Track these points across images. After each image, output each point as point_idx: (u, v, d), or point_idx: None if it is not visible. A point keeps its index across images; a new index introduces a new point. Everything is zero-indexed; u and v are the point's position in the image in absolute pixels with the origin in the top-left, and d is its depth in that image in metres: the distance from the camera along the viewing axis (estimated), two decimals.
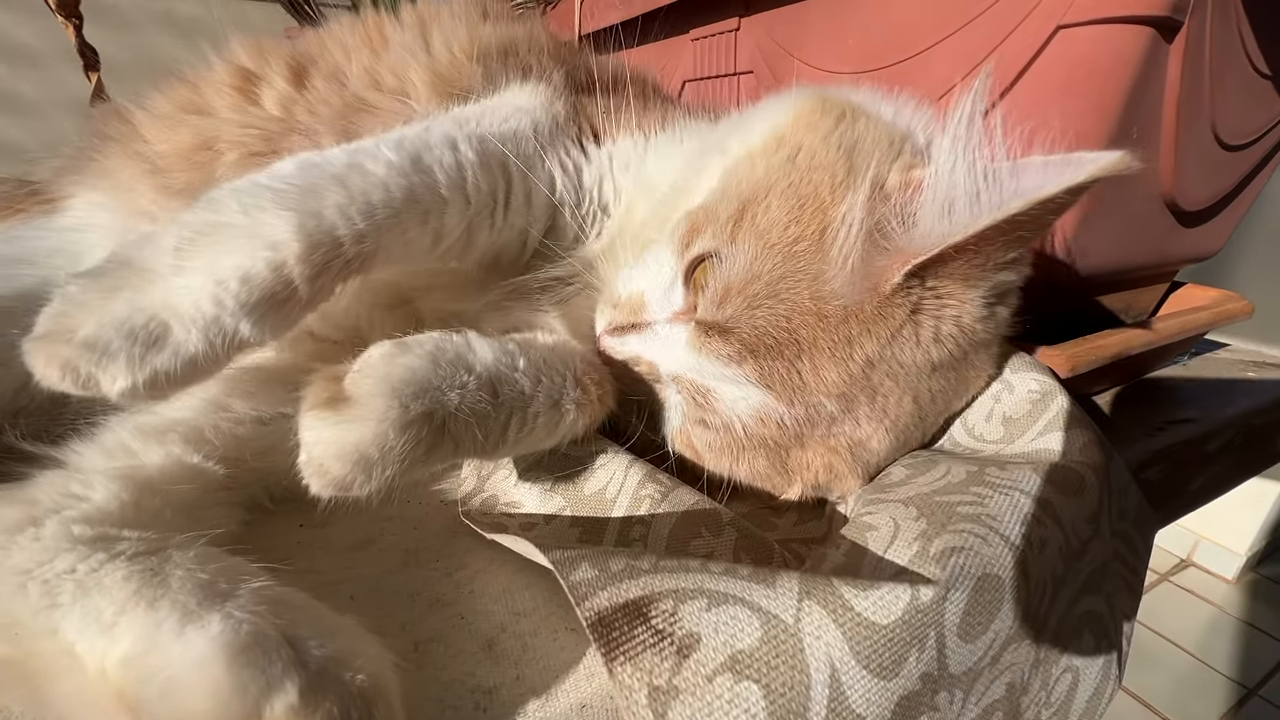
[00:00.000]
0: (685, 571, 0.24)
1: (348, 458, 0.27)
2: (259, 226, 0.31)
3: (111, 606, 0.24)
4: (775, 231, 0.37)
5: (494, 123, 0.45)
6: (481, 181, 0.41)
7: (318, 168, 0.35)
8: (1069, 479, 0.30)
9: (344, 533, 0.41)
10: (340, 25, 0.56)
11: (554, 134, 0.47)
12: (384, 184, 0.35)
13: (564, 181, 0.47)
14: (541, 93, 0.48)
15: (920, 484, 0.32)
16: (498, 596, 0.35)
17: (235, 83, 0.52)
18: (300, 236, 0.31)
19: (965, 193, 0.32)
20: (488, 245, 0.44)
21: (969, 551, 0.25)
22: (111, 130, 0.52)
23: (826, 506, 0.41)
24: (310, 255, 0.31)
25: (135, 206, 0.49)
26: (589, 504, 0.39)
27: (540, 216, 0.46)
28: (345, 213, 0.33)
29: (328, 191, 0.33)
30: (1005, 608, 0.25)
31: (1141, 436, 0.54)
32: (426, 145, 0.40)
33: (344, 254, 0.33)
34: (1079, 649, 0.30)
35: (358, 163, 0.36)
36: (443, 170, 0.39)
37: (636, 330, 0.42)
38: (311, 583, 0.36)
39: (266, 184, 0.33)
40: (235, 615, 0.24)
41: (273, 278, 0.30)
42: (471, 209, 0.41)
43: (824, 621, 0.22)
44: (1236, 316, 0.61)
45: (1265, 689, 1.53)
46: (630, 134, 0.49)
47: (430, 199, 0.38)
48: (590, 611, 0.23)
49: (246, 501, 0.39)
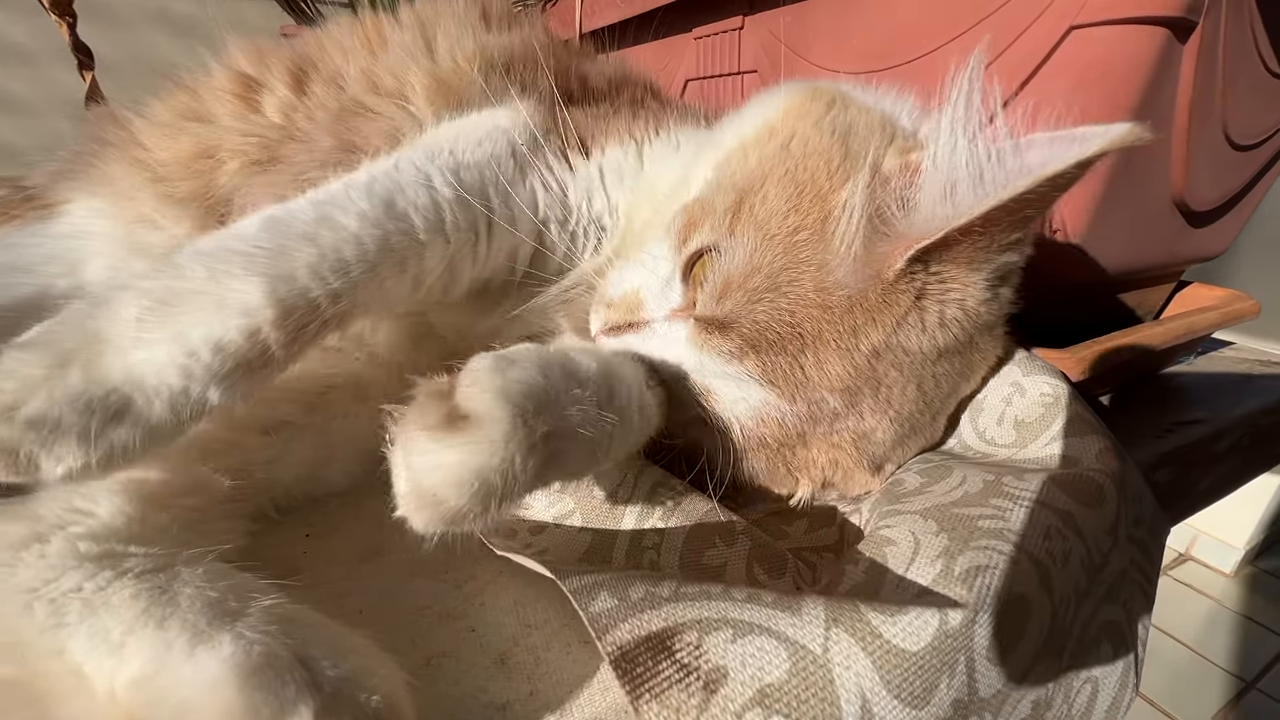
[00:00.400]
0: (708, 599, 0.24)
1: (467, 485, 0.23)
2: (229, 293, 0.29)
3: (120, 626, 0.24)
4: (775, 221, 0.36)
5: (469, 147, 0.43)
6: (460, 218, 0.40)
7: (285, 225, 0.33)
8: (1089, 489, 0.29)
9: (350, 543, 0.40)
10: (339, 26, 0.55)
11: (535, 153, 0.46)
12: (356, 238, 0.34)
13: (547, 200, 0.45)
14: (524, 111, 0.47)
15: (936, 494, 0.32)
16: (509, 609, 0.35)
17: (236, 89, 0.51)
18: (273, 301, 0.30)
19: (968, 173, 0.31)
20: (474, 277, 0.43)
21: (994, 570, 0.24)
22: (109, 135, 0.51)
23: (837, 514, 0.41)
24: (285, 320, 0.30)
25: (136, 214, 0.48)
26: (600, 507, 0.39)
27: (526, 239, 0.45)
28: (318, 272, 0.32)
29: (298, 251, 0.32)
30: (1032, 626, 0.25)
31: (1150, 438, 0.54)
32: (399, 187, 0.38)
33: (320, 314, 0.32)
34: (1098, 659, 0.30)
35: (327, 216, 0.34)
36: (419, 213, 0.38)
37: (634, 329, 0.41)
38: (319, 595, 0.36)
39: (233, 247, 0.31)
40: (246, 635, 0.23)
41: (248, 345, 0.29)
42: (451, 247, 0.40)
43: (853, 650, 0.22)
44: (1244, 316, 0.61)
45: (1263, 682, 1.54)
46: (620, 143, 0.48)
47: (407, 246, 0.37)
48: (613, 646, 0.23)
49: (252, 513, 0.39)
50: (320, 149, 0.48)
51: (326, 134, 0.48)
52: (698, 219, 0.39)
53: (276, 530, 0.41)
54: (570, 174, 0.47)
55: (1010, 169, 0.30)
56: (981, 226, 0.32)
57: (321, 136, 0.48)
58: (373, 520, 0.43)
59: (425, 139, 0.45)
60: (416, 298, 0.40)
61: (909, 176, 0.35)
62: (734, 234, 0.37)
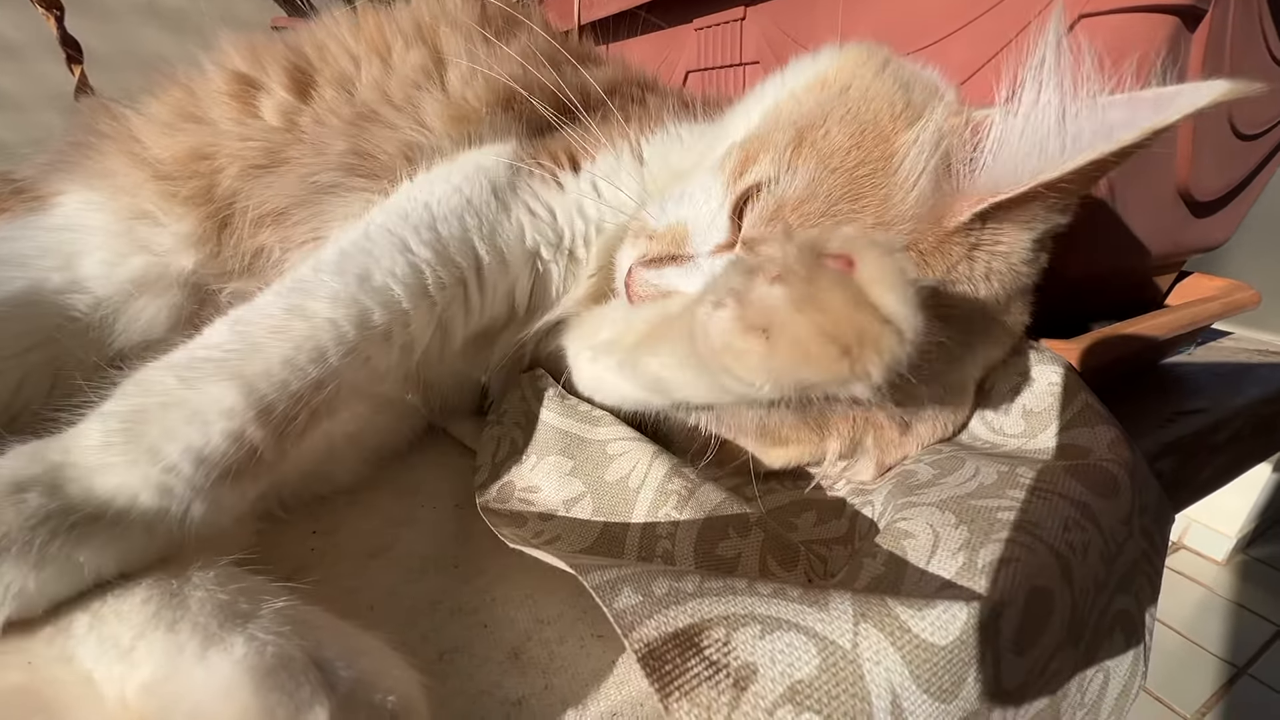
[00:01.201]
0: (733, 594, 0.24)
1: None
2: (204, 399, 0.28)
3: (129, 631, 0.23)
4: (837, 156, 0.36)
5: (445, 196, 0.42)
6: (444, 275, 0.39)
7: (253, 324, 0.32)
8: (1104, 480, 0.29)
9: (357, 539, 0.40)
10: (336, 24, 0.54)
11: (515, 185, 0.45)
12: (331, 322, 0.33)
13: (535, 226, 0.45)
14: (507, 147, 0.47)
15: (950, 485, 0.31)
16: (521, 603, 0.35)
17: (232, 91, 0.50)
18: (254, 400, 0.29)
19: (1056, 130, 0.31)
20: (472, 328, 0.43)
21: (1018, 563, 0.24)
22: (104, 126, 0.50)
23: (846, 506, 0.41)
24: (268, 417, 0.29)
25: (137, 209, 0.47)
26: (611, 492, 0.38)
27: (522, 273, 0.45)
28: (294, 364, 0.31)
29: (271, 347, 0.31)
30: (1054, 619, 0.25)
31: (1153, 428, 0.54)
32: (373, 258, 0.37)
33: (305, 405, 0.31)
34: (1111, 649, 0.30)
35: (296, 305, 0.33)
36: (398, 281, 0.37)
37: (676, 263, 0.40)
38: (329, 592, 0.35)
39: (202, 355, 0.30)
40: (259, 637, 0.23)
41: (233, 450, 0.28)
42: (439, 307, 0.39)
43: (882, 645, 0.22)
44: (1245, 306, 0.61)
45: (1254, 667, 1.56)
46: (612, 149, 0.47)
47: (389, 318, 0.36)
48: (640, 643, 0.23)
49: (260, 512, 0.38)
50: (333, 152, 0.47)
51: (340, 138, 0.48)
52: (755, 153, 0.39)
53: (283, 528, 0.40)
54: (558, 194, 0.46)
55: (1096, 126, 0.30)
56: (1061, 184, 0.31)
57: (334, 140, 0.48)
58: (380, 517, 0.42)
59: (398, 197, 0.44)
60: (412, 363, 0.39)
61: (979, 130, 0.35)
62: (793, 167, 0.37)
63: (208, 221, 0.48)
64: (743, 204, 0.38)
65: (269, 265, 0.49)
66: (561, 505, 0.39)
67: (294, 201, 0.47)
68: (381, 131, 0.48)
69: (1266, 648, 1.60)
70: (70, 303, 0.45)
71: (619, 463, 0.40)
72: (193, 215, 0.48)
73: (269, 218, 0.48)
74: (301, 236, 0.47)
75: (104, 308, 0.45)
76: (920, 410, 0.39)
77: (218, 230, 0.48)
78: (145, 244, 0.47)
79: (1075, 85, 0.31)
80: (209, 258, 0.48)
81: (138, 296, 0.46)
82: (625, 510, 0.37)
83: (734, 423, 0.41)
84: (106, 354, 0.45)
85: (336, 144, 0.47)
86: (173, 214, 0.47)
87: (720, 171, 0.41)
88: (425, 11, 0.54)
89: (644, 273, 0.41)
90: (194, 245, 0.48)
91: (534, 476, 0.42)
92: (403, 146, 0.47)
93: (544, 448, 0.43)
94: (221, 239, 0.49)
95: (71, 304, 0.45)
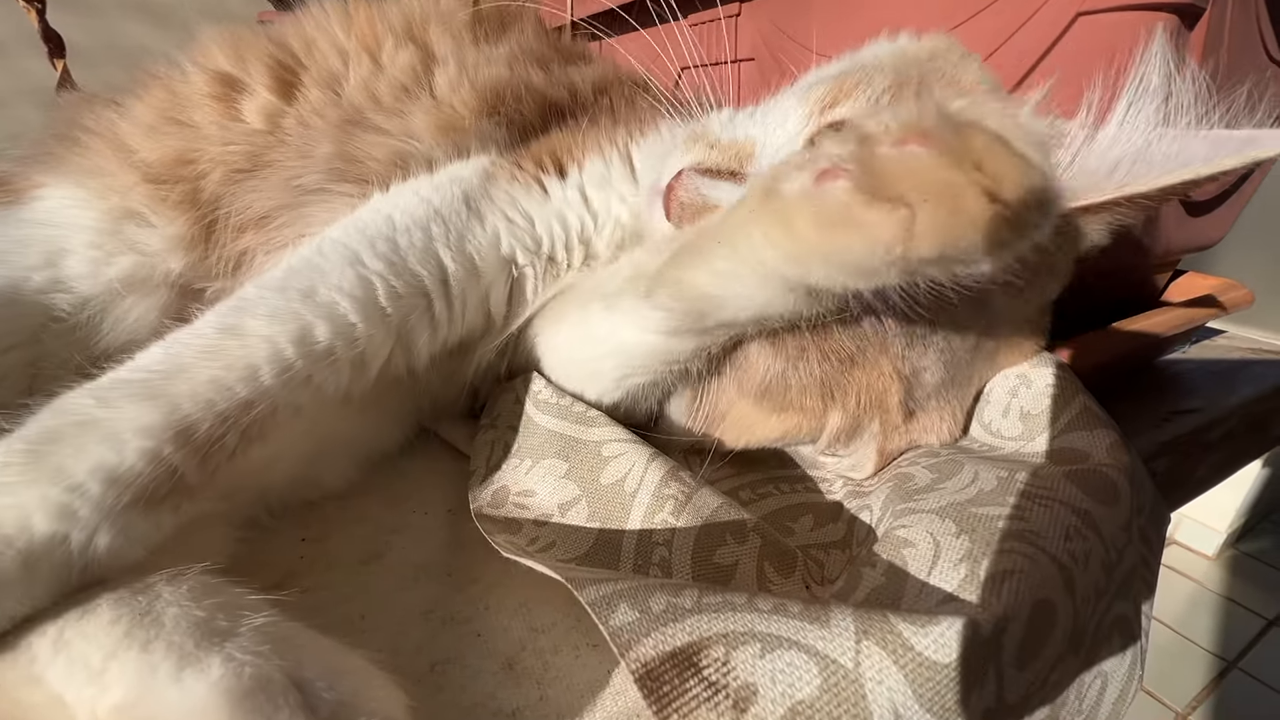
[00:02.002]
0: (732, 611, 0.23)
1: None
2: (121, 418, 0.26)
3: (99, 652, 0.22)
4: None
5: (411, 208, 0.41)
6: (399, 286, 0.37)
7: (185, 345, 0.31)
8: (1103, 486, 0.29)
9: (348, 546, 0.39)
10: (328, 18, 0.52)
11: (492, 192, 0.44)
12: (266, 339, 0.31)
13: (511, 233, 0.43)
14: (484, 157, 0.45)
15: (949, 491, 0.31)
16: (515, 611, 0.34)
17: (214, 91, 0.48)
18: (174, 420, 0.27)
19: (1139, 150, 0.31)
20: (442, 341, 0.41)
21: (1021, 575, 0.24)
22: (92, 123, 0.49)
23: (843, 510, 0.40)
24: (189, 436, 0.27)
25: (128, 209, 0.46)
26: (606, 495, 0.38)
27: (495, 279, 0.43)
28: (223, 384, 0.29)
29: (199, 367, 0.29)
30: (1057, 631, 0.24)
31: (1149, 428, 0.54)
32: (320, 273, 0.35)
33: (233, 426, 0.29)
34: (1109, 653, 0.30)
35: (231, 325, 0.32)
36: (345, 295, 0.35)
37: (736, 179, 0.38)
38: (319, 601, 0.35)
39: (127, 376, 0.29)
40: (237, 657, 0.22)
41: (150, 470, 0.26)
42: (394, 319, 0.37)
43: (885, 664, 0.21)
44: (1239, 305, 0.61)
45: (1244, 661, 1.58)
46: (600, 153, 0.46)
47: (332, 334, 0.34)
48: (636, 663, 0.22)
49: (243, 522, 0.37)
50: (318, 155, 0.46)
51: (326, 141, 0.46)
52: (849, 89, 0.38)
53: (270, 535, 0.39)
54: (540, 201, 0.45)
55: (1180, 152, 0.30)
56: (1140, 199, 0.32)
57: (319, 143, 0.46)
58: (371, 523, 0.42)
59: (363, 209, 0.42)
60: (369, 379, 0.37)
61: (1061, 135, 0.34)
62: (900, 97, 0.37)
63: (196, 225, 0.47)
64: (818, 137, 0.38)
65: (252, 269, 0.48)
66: (556, 510, 0.39)
67: (276, 205, 0.46)
68: (370, 136, 0.46)
69: (1256, 642, 1.62)
70: (54, 302, 0.44)
71: (614, 465, 0.39)
72: (183, 218, 0.47)
73: (252, 222, 0.47)
74: (285, 240, 0.46)
75: (90, 307, 0.44)
76: (928, 398, 0.39)
77: (205, 234, 0.47)
78: (134, 244, 0.46)
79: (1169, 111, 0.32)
80: (197, 260, 0.47)
81: (125, 297, 0.45)
82: (621, 515, 0.36)
83: (740, 378, 0.40)
84: (91, 354, 0.44)
85: (322, 146, 0.46)
86: (164, 216, 0.46)
87: (805, 100, 0.39)
88: (417, 8, 0.52)
89: (697, 178, 0.38)
90: (183, 248, 0.47)
91: (528, 481, 0.41)
92: (392, 154, 0.46)
93: (538, 451, 0.42)
94: (208, 243, 0.48)
95: (55, 303, 0.44)
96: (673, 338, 0.36)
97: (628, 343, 0.39)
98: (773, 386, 0.38)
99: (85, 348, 0.44)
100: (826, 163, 0.24)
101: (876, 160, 0.22)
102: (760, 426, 0.41)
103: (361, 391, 0.37)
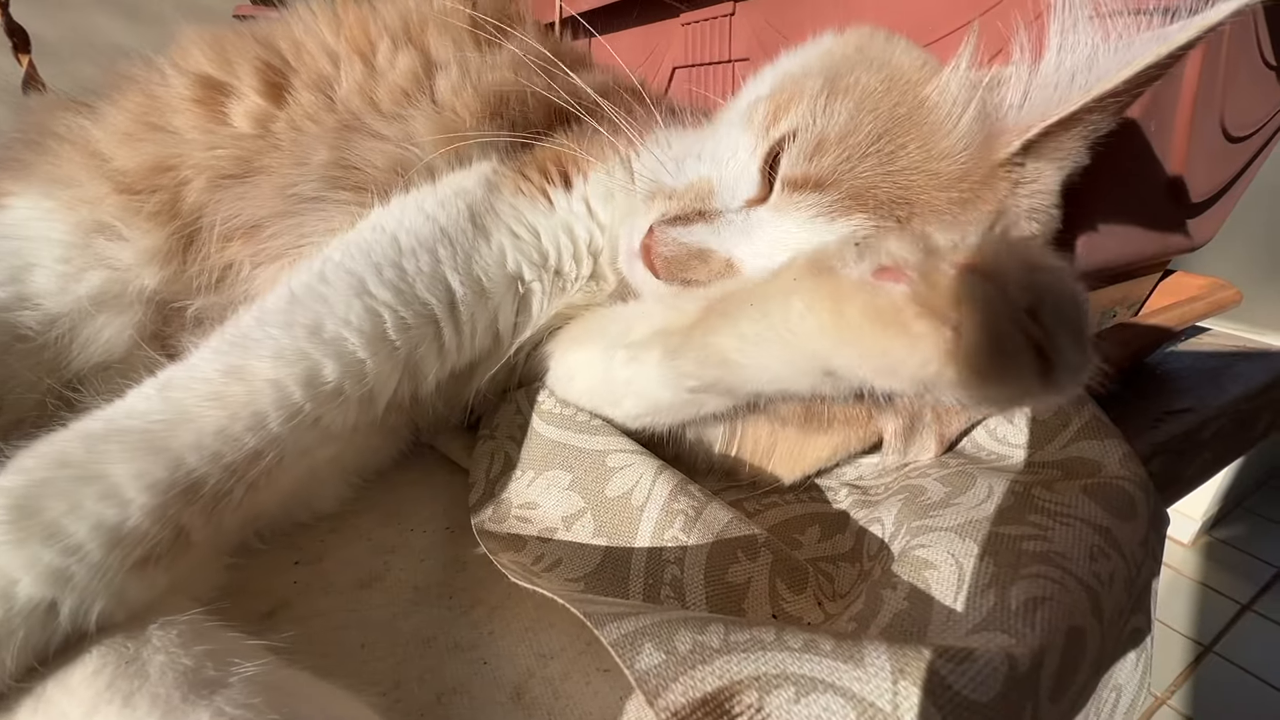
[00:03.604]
0: (762, 650, 0.22)
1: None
2: (122, 473, 0.24)
3: (79, 708, 0.21)
4: (873, 98, 0.36)
5: (416, 226, 0.39)
6: (407, 316, 0.36)
7: (185, 388, 0.29)
8: (1122, 500, 0.29)
9: (344, 569, 0.38)
10: (315, 19, 0.50)
11: (496, 206, 0.42)
12: (273, 384, 0.30)
13: (517, 248, 0.42)
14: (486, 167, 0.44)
15: (965, 507, 0.31)
16: (521, 636, 0.33)
17: (197, 96, 0.46)
18: (181, 475, 0.26)
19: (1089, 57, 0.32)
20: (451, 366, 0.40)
21: (1052, 603, 0.23)
22: (62, 129, 0.46)
23: (850, 521, 0.40)
24: (196, 494, 0.26)
25: (98, 221, 0.44)
26: (612, 508, 0.37)
27: (503, 299, 0.42)
28: (229, 435, 0.28)
29: (204, 416, 0.28)
30: (1087, 658, 0.24)
31: (1144, 429, 0.55)
32: (327, 305, 0.34)
33: (242, 479, 0.28)
34: (1124, 666, 0.30)
35: (235, 366, 0.30)
36: (353, 330, 0.34)
37: (704, 219, 0.38)
38: (316, 629, 0.34)
39: (125, 425, 0.27)
40: (227, 711, 0.21)
41: (155, 528, 0.24)
42: (403, 351, 0.36)
43: (926, 707, 0.20)
44: (1228, 304, 0.62)
45: (1220, 645, 1.62)
46: (604, 166, 0.45)
47: (341, 372, 0.32)
48: (666, 712, 0.21)
49: (233, 548, 0.36)
50: (315, 162, 0.44)
51: (323, 146, 0.44)
52: (786, 103, 0.38)
53: (262, 559, 0.38)
54: (546, 213, 0.43)
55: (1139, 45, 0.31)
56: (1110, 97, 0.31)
57: (315, 149, 0.44)
58: (367, 543, 0.40)
59: (365, 226, 0.40)
60: (376, 414, 0.36)
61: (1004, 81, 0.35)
62: (830, 109, 0.36)
63: (173, 238, 0.45)
64: (775, 155, 0.38)
65: (238, 281, 0.45)
66: (561, 523, 0.38)
67: (270, 214, 0.44)
68: (369, 143, 0.45)
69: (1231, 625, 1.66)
70: (19, 320, 0.41)
71: (620, 477, 0.38)
72: (158, 231, 0.44)
73: (240, 231, 0.44)
74: (276, 251, 0.44)
75: (58, 326, 0.42)
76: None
77: (183, 247, 0.45)
78: (105, 259, 0.43)
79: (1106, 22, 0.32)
80: (174, 275, 0.45)
81: (96, 314, 0.43)
82: (629, 531, 0.35)
83: (777, 413, 0.39)
84: (62, 376, 0.42)
85: (318, 153, 0.44)
86: (138, 229, 0.44)
87: (748, 124, 0.40)
88: (414, 9, 0.50)
89: (669, 230, 0.38)
90: (158, 262, 0.45)
91: (531, 493, 0.40)
92: (392, 161, 0.44)
93: (541, 461, 0.41)
94: (187, 256, 0.45)
95: (20, 321, 0.41)
96: (698, 394, 0.36)
97: (650, 394, 0.38)
98: (812, 411, 0.38)
99: (55, 370, 0.42)
100: (889, 261, 0.24)
101: (940, 277, 0.22)
102: (810, 450, 0.41)
103: (367, 425, 0.36)
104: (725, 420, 0.41)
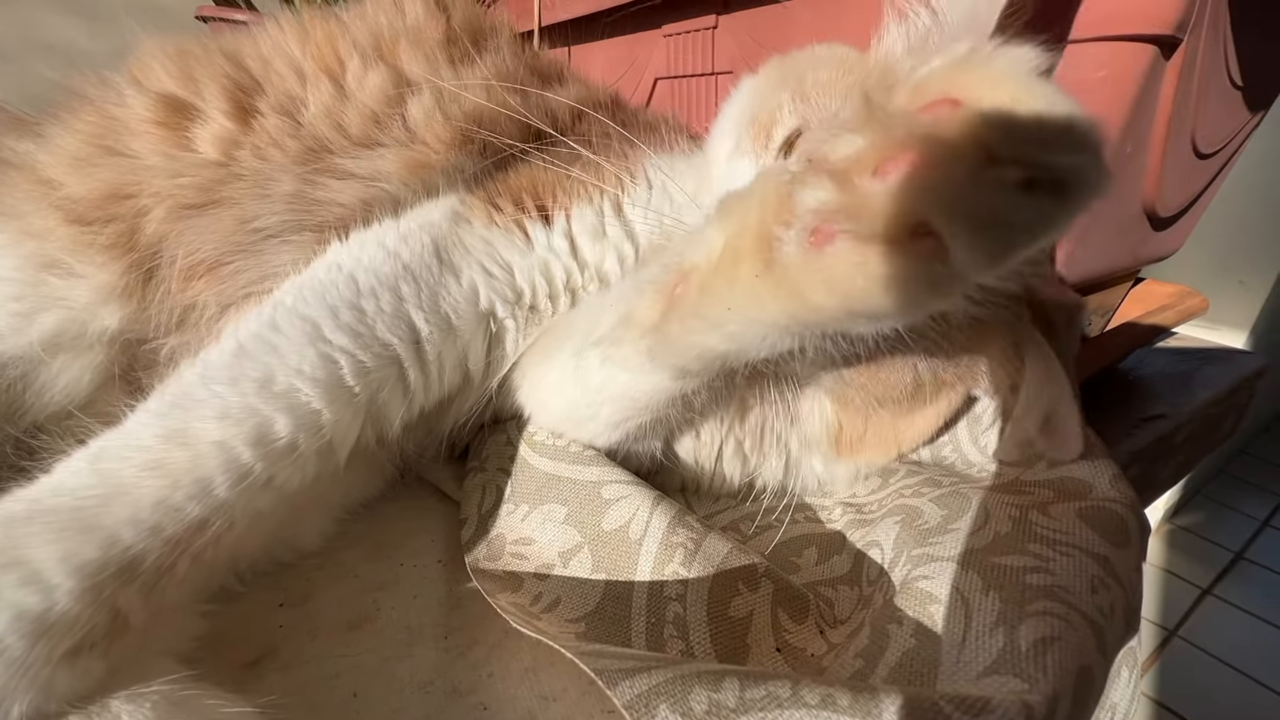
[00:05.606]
0: (779, 708, 0.22)
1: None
2: (44, 555, 0.22)
3: None
4: (838, 84, 0.39)
5: (377, 264, 0.37)
6: (366, 360, 0.34)
7: (121, 458, 0.27)
8: (1116, 526, 0.29)
9: (331, 610, 0.37)
10: (281, 33, 0.47)
11: (466, 240, 0.40)
12: (219, 445, 0.28)
13: (490, 285, 0.40)
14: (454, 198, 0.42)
15: (963, 533, 0.31)
16: (521, 677, 0.32)
17: (159, 116, 0.42)
18: (116, 554, 0.24)
19: None
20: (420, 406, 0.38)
21: (1061, 643, 0.24)
22: (6, 153, 0.43)
23: (846, 542, 0.40)
24: (133, 572, 0.24)
25: (48, 257, 0.40)
26: (610, 542, 0.36)
27: (473, 336, 0.40)
28: (170, 505, 0.26)
29: (141, 487, 0.25)
30: (1095, 694, 0.24)
31: (1121, 437, 0.56)
32: (278, 355, 0.31)
33: (186, 550, 0.26)
34: (1117, 686, 0.30)
35: (175, 430, 0.28)
36: (306, 379, 0.31)
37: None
38: (304, 678, 0.32)
39: (51, 504, 0.24)
40: None
41: (87, 614, 0.22)
42: (362, 397, 0.34)
43: None
44: (1196, 312, 0.64)
45: (1183, 629, 1.69)
46: (589, 201, 0.42)
47: (294, 425, 0.30)
48: None
49: (210, 595, 0.34)
50: (277, 194, 0.41)
51: (286, 177, 0.42)
52: (767, 121, 0.40)
53: (243, 602, 0.36)
54: (522, 251, 0.41)
55: None
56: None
57: (279, 179, 0.42)
58: (355, 580, 0.39)
59: (320, 265, 0.38)
60: (338, 464, 0.34)
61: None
62: (810, 101, 0.39)
63: (131, 273, 0.41)
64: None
65: (203, 323, 0.42)
66: (558, 559, 0.37)
67: (230, 249, 0.41)
68: (334, 182, 0.42)
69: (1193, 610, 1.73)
70: None
71: (617, 509, 0.38)
72: (113, 264, 0.41)
73: (201, 268, 0.42)
74: (240, 289, 0.41)
75: (11, 370, 0.39)
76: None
77: (142, 282, 0.42)
78: (59, 298, 0.40)
79: None
80: (136, 313, 0.42)
81: (52, 358, 0.40)
82: (628, 566, 0.35)
83: (878, 393, 0.38)
84: (18, 425, 0.39)
85: (282, 184, 0.42)
86: (91, 263, 0.41)
87: (739, 156, 0.41)
88: (384, 24, 0.47)
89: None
90: (116, 299, 0.41)
91: (525, 528, 0.39)
92: (360, 200, 0.42)
93: (534, 494, 0.40)
94: (146, 292, 0.42)
95: None
96: (681, 378, 0.35)
97: (628, 388, 0.37)
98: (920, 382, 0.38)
99: (10, 418, 0.39)
100: (814, 219, 0.21)
101: (868, 202, 0.19)
102: (907, 428, 0.42)
103: (331, 475, 0.34)
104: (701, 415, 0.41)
